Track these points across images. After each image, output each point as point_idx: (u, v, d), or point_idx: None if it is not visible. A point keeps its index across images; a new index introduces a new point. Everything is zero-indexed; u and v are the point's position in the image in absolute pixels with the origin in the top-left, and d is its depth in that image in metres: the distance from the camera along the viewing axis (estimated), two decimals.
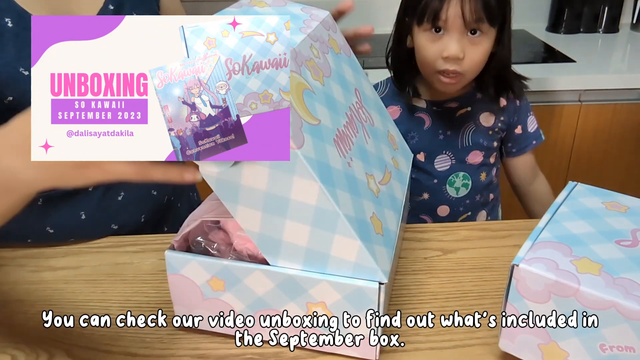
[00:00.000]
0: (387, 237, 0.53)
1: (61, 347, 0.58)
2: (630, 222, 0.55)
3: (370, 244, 0.49)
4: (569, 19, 1.84)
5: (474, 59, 0.88)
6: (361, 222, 0.49)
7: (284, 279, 0.53)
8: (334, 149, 0.49)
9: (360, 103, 0.60)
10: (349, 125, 0.54)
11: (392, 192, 0.59)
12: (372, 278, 0.49)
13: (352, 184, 0.50)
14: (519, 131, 1.02)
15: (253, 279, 0.54)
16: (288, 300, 0.54)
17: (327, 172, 0.47)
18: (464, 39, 0.87)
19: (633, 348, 0.45)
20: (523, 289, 0.49)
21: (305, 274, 0.52)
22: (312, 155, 0.47)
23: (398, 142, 0.69)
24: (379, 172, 0.57)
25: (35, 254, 0.75)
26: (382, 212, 0.54)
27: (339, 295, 0.51)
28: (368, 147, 0.56)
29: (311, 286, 0.52)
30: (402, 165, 0.66)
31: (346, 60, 0.62)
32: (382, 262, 0.50)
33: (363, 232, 0.49)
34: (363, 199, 0.51)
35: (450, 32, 0.86)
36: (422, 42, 0.89)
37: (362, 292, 0.50)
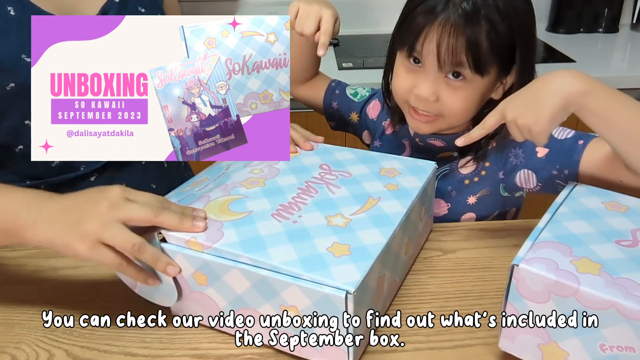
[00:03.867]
0: (360, 252, 0.54)
1: (61, 347, 0.58)
2: (630, 222, 0.55)
3: (325, 270, 0.52)
4: (569, 19, 1.85)
5: (451, 106, 0.73)
6: (307, 259, 0.53)
7: (258, 280, 0.53)
8: (273, 220, 0.59)
9: (330, 169, 0.70)
10: (301, 195, 0.64)
11: (379, 212, 0.61)
12: (337, 292, 0.50)
13: (296, 235, 0.57)
14: (543, 152, 0.75)
15: (231, 277, 0.55)
16: (264, 301, 0.54)
17: (256, 242, 0.55)
18: (440, 80, 0.73)
19: (633, 348, 0.45)
20: (523, 289, 0.49)
21: (277, 276, 0.52)
22: (235, 240, 0.56)
23: (401, 167, 0.70)
24: (354, 206, 0.62)
25: (35, 254, 0.75)
26: (351, 237, 0.56)
27: (309, 300, 0.51)
28: (334, 196, 0.64)
29: (283, 289, 0.52)
30: (408, 183, 0.67)
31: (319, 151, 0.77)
32: (347, 277, 0.50)
33: (309, 265, 0.52)
34: (314, 239, 0.56)
35: (426, 68, 0.73)
36: (398, 70, 0.78)
37: (330, 299, 0.50)
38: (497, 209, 0.85)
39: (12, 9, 0.69)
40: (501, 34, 0.69)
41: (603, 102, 0.59)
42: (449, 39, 0.69)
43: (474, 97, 0.73)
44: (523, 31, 0.72)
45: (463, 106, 0.74)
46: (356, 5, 1.89)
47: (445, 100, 0.73)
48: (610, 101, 0.59)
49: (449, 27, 0.69)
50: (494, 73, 0.73)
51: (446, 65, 0.71)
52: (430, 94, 0.73)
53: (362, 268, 0.52)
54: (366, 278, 0.52)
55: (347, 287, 0.50)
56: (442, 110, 0.74)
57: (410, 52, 0.74)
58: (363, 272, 0.51)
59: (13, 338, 0.60)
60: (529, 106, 0.60)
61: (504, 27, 0.69)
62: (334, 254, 0.54)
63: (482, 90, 0.74)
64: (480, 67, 0.70)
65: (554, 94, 0.59)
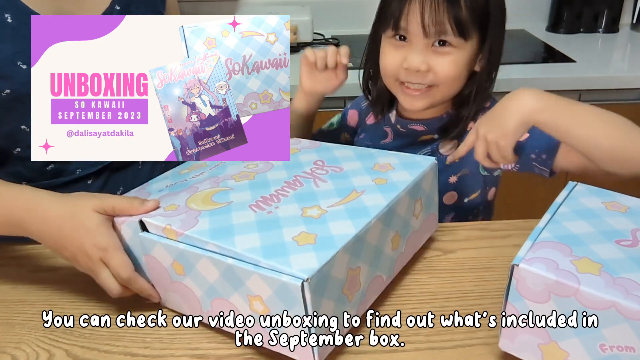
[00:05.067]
0: (325, 242, 0.53)
1: (61, 347, 0.58)
2: (630, 222, 0.55)
3: (283, 258, 0.51)
4: (569, 19, 1.85)
5: (443, 72, 0.77)
6: (268, 247, 0.53)
7: (225, 268, 0.53)
8: (249, 211, 0.59)
9: (323, 165, 0.69)
10: (285, 188, 0.64)
11: (358, 205, 0.59)
12: (292, 280, 0.49)
13: (266, 224, 0.56)
14: (522, 139, 0.75)
15: (202, 266, 0.55)
16: (233, 290, 0.53)
17: (225, 231, 0.55)
18: (428, 50, 0.77)
19: (633, 348, 0.45)
20: (523, 289, 0.49)
21: (241, 264, 0.52)
22: (206, 228, 0.56)
23: (396, 163, 0.69)
24: (334, 199, 0.61)
25: (35, 254, 0.75)
26: (321, 228, 0.55)
27: (270, 289, 0.50)
28: (318, 189, 0.63)
29: (247, 278, 0.52)
30: (397, 177, 0.65)
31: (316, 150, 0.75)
32: (304, 264, 0.50)
33: (269, 253, 0.52)
34: (283, 228, 0.55)
35: (412, 42, 0.77)
36: (385, 49, 0.81)
37: (287, 287, 0.49)
38: (478, 188, 0.88)
39: (9, 16, 0.69)
40: (478, 0, 0.76)
41: (557, 117, 0.66)
42: (431, 9, 0.74)
43: (461, 61, 0.78)
44: (496, 1, 0.79)
45: (454, 71, 0.78)
46: (356, 6, 1.89)
47: (436, 67, 0.77)
48: (565, 116, 0.66)
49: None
50: (476, 40, 0.78)
51: (432, 35, 0.76)
52: (420, 63, 0.76)
53: (322, 257, 0.51)
54: (326, 267, 0.50)
55: (302, 274, 0.48)
56: (434, 80, 0.78)
57: (396, 30, 0.78)
58: (322, 261, 0.50)
59: (13, 338, 0.60)
60: (496, 123, 0.69)
61: None
62: (298, 242, 0.53)
63: (468, 56, 0.78)
64: (463, 32, 0.75)
65: (514, 112, 0.67)
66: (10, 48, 0.69)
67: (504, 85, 1.43)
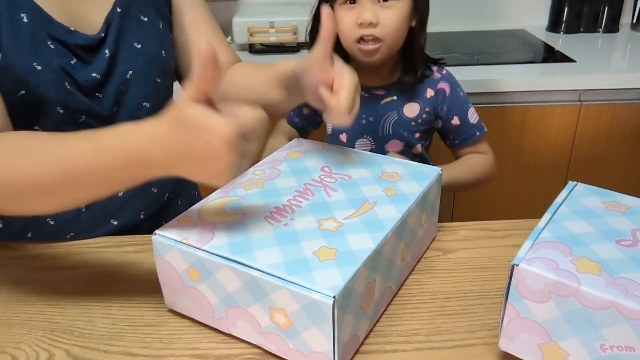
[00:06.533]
0: (346, 257, 0.53)
1: (61, 347, 0.58)
2: (630, 222, 0.55)
3: (307, 274, 0.51)
4: (569, 18, 1.85)
5: (389, 24, 0.92)
6: (290, 262, 0.53)
7: (249, 280, 0.53)
8: (264, 223, 0.59)
9: (331, 172, 0.70)
10: (297, 198, 0.64)
11: (373, 217, 0.60)
12: (323, 298, 0.49)
13: (285, 238, 0.56)
14: (456, 122, 1.01)
15: (223, 275, 0.55)
16: (254, 301, 0.54)
17: (244, 245, 0.55)
18: (375, 6, 0.92)
19: (633, 348, 0.45)
20: (523, 289, 0.49)
21: (267, 277, 0.52)
22: (225, 242, 0.56)
23: (403, 172, 0.70)
24: (348, 210, 0.61)
25: (36, 254, 0.75)
26: (340, 242, 0.55)
27: (297, 304, 0.51)
28: (331, 199, 0.64)
29: (272, 291, 0.52)
30: (407, 188, 0.66)
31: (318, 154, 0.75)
32: (329, 282, 0.50)
33: (292, 269, 0.52)
34: (302, 242, 0.56)
35: (362, 2, 0.92)
36: (339, 15, 0.93)
37: (317, 305, 0.49)
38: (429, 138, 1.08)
39: (25, 15, 0.69)
40: None
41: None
42: None
43: (403, 14, 0.93)
44: None
45: (397, 22, 0.92)
46: None
47: (384, 20, 0.91)
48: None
49: None
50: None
51: None
52: (372, 16, 0.90)
53: (346, 273, 0.51)
54: (350, 283, 0.51)
55: (329, 292, 0.49)
56: (382, 33, 0.92)
57: None
58: (346, 278, 0.51)
59: (13, 338, 0.60)
60: None
61: None
62: (319, 258, 0.53)
63: (407, 10, 0.93)
64: None
65: None
66: (25, 48, 0.69)
67: (505, 85, 1.44)
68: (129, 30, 0.78)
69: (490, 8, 1.92)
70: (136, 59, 0.79)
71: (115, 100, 0.78)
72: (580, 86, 1.45)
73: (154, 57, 0.81)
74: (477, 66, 1.52)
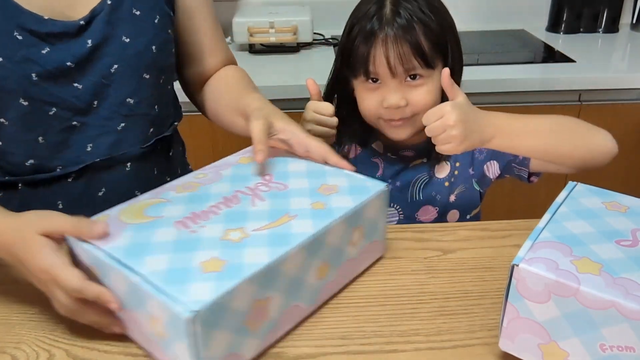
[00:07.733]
0: (232, 271, 0.51)
1: (61, 347, 0.58)
2: (630, 222, 0.55)
3: (182, 286, 0.50)
4: (569, 19, 1.85)
5: (420, 102, 0.82)
6: (172, 271, 0.51)
7: (130, 285, 0.52)
8: (171, 228, 0.58)
9: (270, 180, 0.67)
10: (220, 205, 0.62)
11: (284, 231, 0.57)
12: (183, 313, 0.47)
13: (182, 245, 0.55)
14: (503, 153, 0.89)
15: (114, 277, 0.54)
16: (138, 307, 0.53)
17: (140, 248, 0.54)
18: (402, 86, 0.82)
19: (633, 348, 0.45)
20: (523, 289, 0.49)
21: (144, 285, 0.50)
22: (123, 244, 0.55)
23: (344, 186, 0.66)
24: (262, 222, 0.59)
25: None
26: (235, 254, 0.53)
27: (165, 316, 0.49)
28: (252, 209, 0.61)
29: (147, 299, 0.50)
30: (338, 202, 0.62)
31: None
32: (200, 295, 0.48)
33: (171, 278, 0.51)
34: (196, 251, 0.54)
35: (386, 82, 0.82)
36: (361, 94, 0.86)
37: (177, 318, 0.47)
38: (477, 203, 0.94)
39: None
40: (434, 30, 0.81)
41: (506, 143, 0.75)
42: (395, 50, 0.79)
43: (435, 88, 0.83)
44: (448, 25, 0.84)
45: (430, 99, 0.83)
46: (352, 5, 1.89)
47: (413, 99, 0.82)
48: (513, 139, 0.75)
49: (391, 42, 0.79)
50: (441, 64, 0.84)
51: (401, 73, 0.81)
52: (399, 99, 0.81)
53: (220, 288, 0.49)
54: (223, 299, 0.48)
55: (194, 306, 0.47)
56: (414, 110, 0.83)
57: (367, 75, 0.82)
58: (218, 292, 0.48)
59: (13, 338, 0.60)
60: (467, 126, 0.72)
61: (434, 24, 0.81)
62: (203, 269, 0.51)
63: (438, 81, 0.82)
64: (429, 63, 0.81)
65: (477, 133, 0.73)
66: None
67: (505, 85, 1.44)
68: (119, 23, 0.76)
69: (490, 8, 1.92)
70: (123, 53, 0.76)
71: (94, 92, 0.75)
72: (580, 86, 1.45)
73: (142, 52, 0.78)
74: (477, 66, 1.52)
